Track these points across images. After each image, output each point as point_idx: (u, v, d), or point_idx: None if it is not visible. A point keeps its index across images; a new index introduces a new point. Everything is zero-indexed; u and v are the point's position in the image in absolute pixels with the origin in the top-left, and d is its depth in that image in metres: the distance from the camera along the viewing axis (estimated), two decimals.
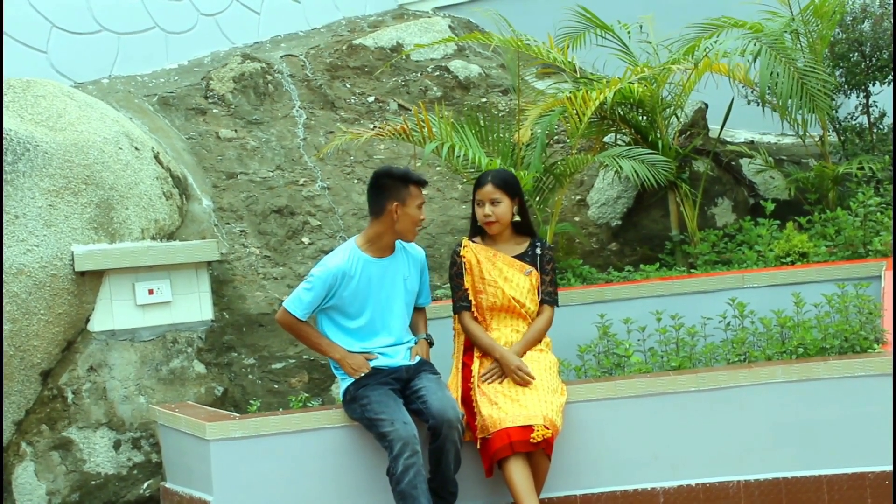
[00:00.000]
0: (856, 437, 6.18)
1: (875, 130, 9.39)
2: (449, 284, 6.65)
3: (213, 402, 7.51)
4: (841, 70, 9.23)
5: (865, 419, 6.16)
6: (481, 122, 8.24)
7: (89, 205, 7.37)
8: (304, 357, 7.96)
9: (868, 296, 6.73)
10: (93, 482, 7.22)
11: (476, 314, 6.37)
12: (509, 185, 6.37)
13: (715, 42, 8.42)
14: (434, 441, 6.00)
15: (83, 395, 7.23)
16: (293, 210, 8.53)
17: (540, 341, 6.38)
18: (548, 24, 9.02)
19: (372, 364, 6.15)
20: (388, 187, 6.10)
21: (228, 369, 7.77)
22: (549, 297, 6.41)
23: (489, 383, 6.16)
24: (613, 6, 9.68)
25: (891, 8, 9.42)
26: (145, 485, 7.34)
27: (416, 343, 6.37)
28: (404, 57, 10.04)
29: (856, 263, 7.68)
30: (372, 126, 9.09)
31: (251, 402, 7.29)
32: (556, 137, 9.22)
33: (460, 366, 6.37)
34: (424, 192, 6.23)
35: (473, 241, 6.45)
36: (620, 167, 8.00)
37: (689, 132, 9.21)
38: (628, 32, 8.96)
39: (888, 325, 6.56)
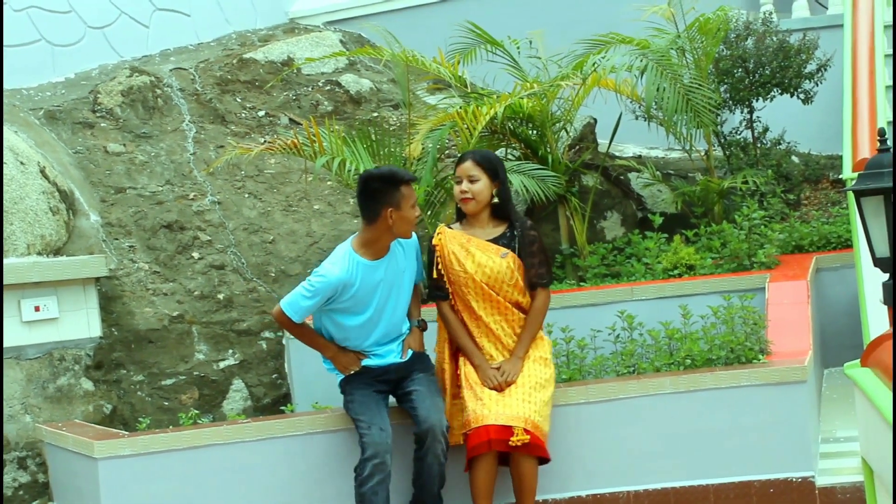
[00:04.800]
0: (742, 447, 6.28)
1: (759, 145, 9.58)
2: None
3: (102, 421, 7.41)
4: (725, 86, 9.41)
5: (751, 429, 6.28)
6: (372, 137, 8.25)
7: None
8: (195, 373, 7.90)
9: (753, 307, 6.86)
10: None
11: (455, 303, 6.27)
12: (489, 164, 6.23)
13: (603, 58, 8.52)
14: (418, 449, 6.03)
15: None
16: (183, 225, 8.45)
17: (539, 330, 6.29)
18: (439, 39, 9.07)
19: (362, 363, 6.14)
20: (380, 192, 5.96)
21: (117, 386, 7.67)
22: (540, 280, 6.25)
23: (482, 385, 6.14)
24: (503, 22, 9.77)
25: (773, 27, 9.64)
26: None
27: (409, 331, 6.28)
28: (295, 71, 10.01)
29: (741, 276, 7.83)
30: (262, 140, 9.04)
31: (140, 419, 7.20)
32: (447, 152, 9.26)
33: (449, 364, 6.29)
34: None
35: (451, 228, 6.34)
36: (510, 182, 8.05)
37: (578, 146, 9.31)
38: (518, 48, 9.04)
39: (772, 336, 6.70)
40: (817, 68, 9.45)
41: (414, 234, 6.24)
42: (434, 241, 6.29)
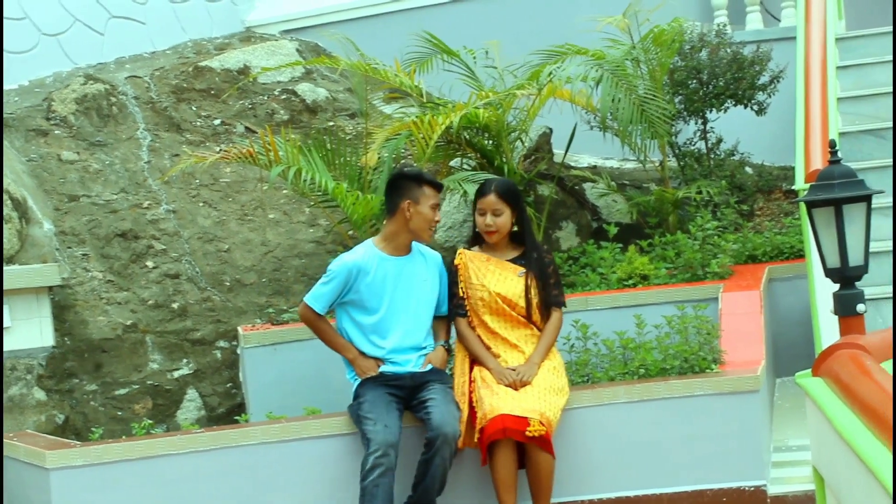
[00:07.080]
0: (695, 456, 6.32)
1: (712, 156, 9.64)
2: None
3: (54, 431, 7.35)
4: (680, 97, 9.46)
5: (704, 438, 6.31)
6: (328, 146, 8.25)
7: None
8: (149, 383, 7.85)
9: (706, 317, 6.91)
10: None
11: (472, 320, 6.41)
12: (512, 196, 6.42)
13: (559, 68, 8.55)
14: (426, 452, 6.07)
15: None
16: (137, 234, 8.41)
17: (553, 344, 6.43)
18: (395, 48, 9.08)
19: (380, 369, 6.25)
20: (402, 187, 6.30)
21: (70, 396, 7.62)
22: (555, 300, 6.45)
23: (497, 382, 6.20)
24: (460, 32, 9.78)
25: (727, 38, 9.71)
26: None
27: (433, 349, 6.42)
28: (251, 80, 9.98)
29: (694, 286, 7.88)
30: (218, 149, 9.01)
31: (93, 429, 7.16)
32: (403, 161, 9.26)
33: (466, 371, 6.36)
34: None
35: (471, 250, 6.51)
36: (466, 191, 8.07)
37: (533, 157, 9.34)
38: (474, 58, 9.06)
39: (725, 346, 6.74)
40: (770, 80, 9.53)
41: (439, 255, 6.52)
42: (455, 262, 6.48)
